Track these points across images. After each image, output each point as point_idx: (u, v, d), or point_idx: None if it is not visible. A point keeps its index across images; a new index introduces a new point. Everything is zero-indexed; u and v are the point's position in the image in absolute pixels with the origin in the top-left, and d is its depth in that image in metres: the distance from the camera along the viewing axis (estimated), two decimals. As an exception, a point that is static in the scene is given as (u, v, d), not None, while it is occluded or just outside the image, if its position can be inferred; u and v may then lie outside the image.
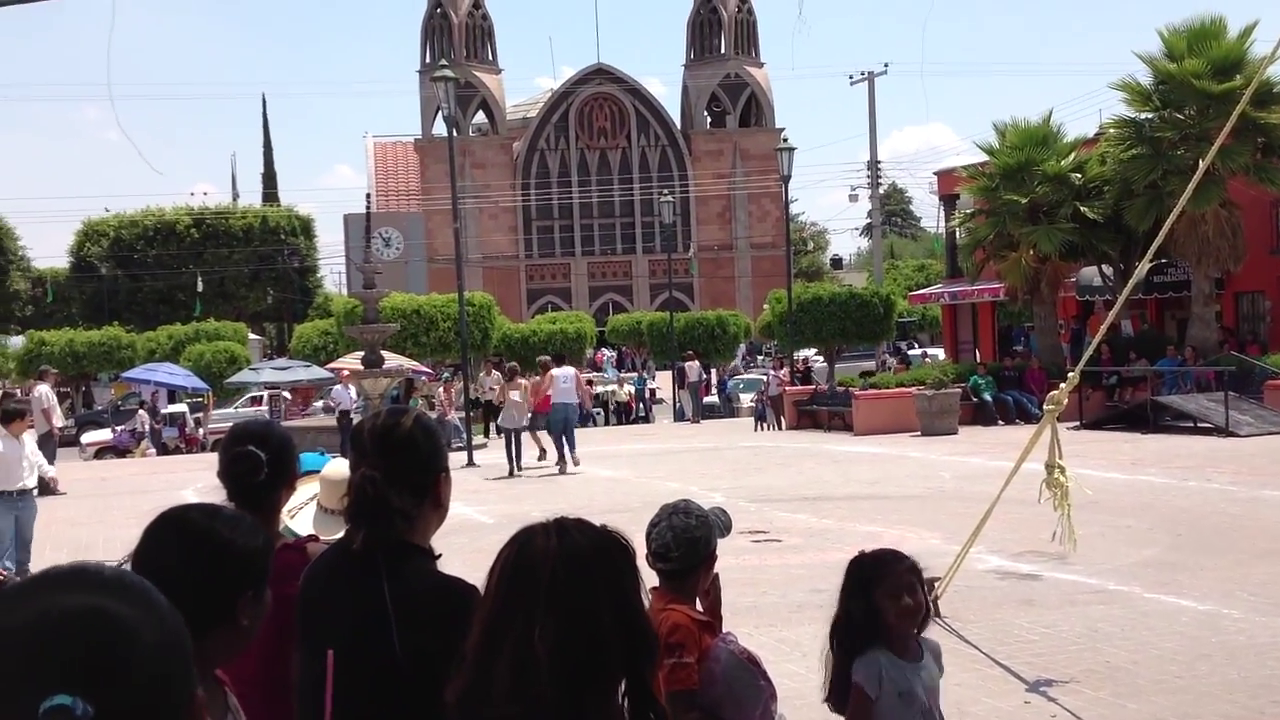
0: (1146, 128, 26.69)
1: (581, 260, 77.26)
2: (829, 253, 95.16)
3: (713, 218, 78.31)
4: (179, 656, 1.22)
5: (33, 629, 1.14)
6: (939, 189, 42.61)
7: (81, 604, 1.18)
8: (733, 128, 79.02)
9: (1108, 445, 20.27)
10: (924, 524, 12.95)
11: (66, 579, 1.21)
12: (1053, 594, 9.57)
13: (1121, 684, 7.18)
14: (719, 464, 21.03)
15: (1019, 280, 28.71)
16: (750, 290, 74.01)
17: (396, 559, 2.60)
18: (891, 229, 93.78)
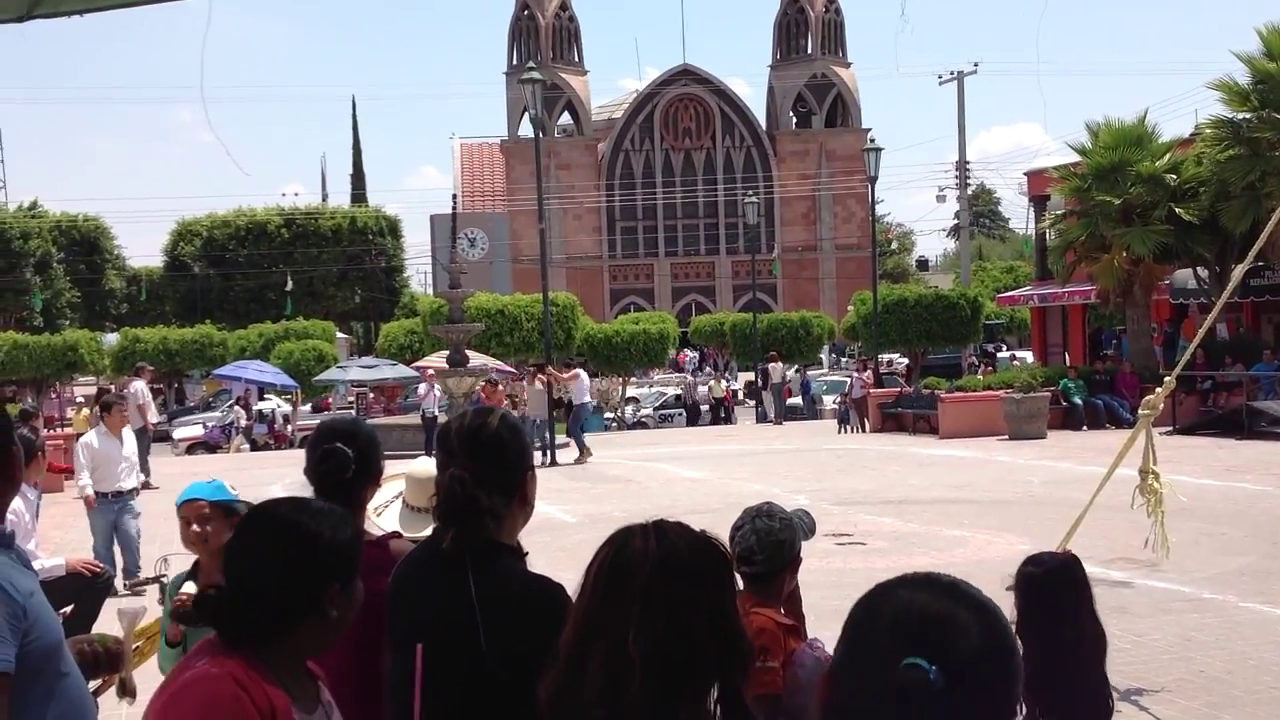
0: (1244, 128, 26.06)
1: (665, 261, 77.27)
2: (915, 254, 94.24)
3: (797, 219, 77.90)
4: (1009, 676, 1.41)
5: (907, 612, 1.40)
6: (1029, 190, 41.94)
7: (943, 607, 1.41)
8: (818, 128, 78.54)
9: (1201, 451, 19.83)
10: (1012, 529, 12.77)
11: (942, 584, 1.45)
12: (1145, 602, 9.39)
13: (1216, 694, 7.03)
14: (802, 466, 20.91)
15: (1111, 282, 28.18)
16: (834, 292, 73.48)
17: (484, 558, 2.60)
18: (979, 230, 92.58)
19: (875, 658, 1.35)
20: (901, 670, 1.32)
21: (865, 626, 1.41)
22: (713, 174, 77.82)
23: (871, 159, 34.80)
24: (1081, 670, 3.74)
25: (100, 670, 2.93)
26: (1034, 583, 3.78)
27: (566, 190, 73.66)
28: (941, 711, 1.31)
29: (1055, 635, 3.73)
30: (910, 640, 1.35)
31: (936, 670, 1.31)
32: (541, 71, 29.04)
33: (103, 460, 11.28)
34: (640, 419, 37.52)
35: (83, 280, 67.43)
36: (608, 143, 77.33)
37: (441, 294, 41.19)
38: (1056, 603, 3.75)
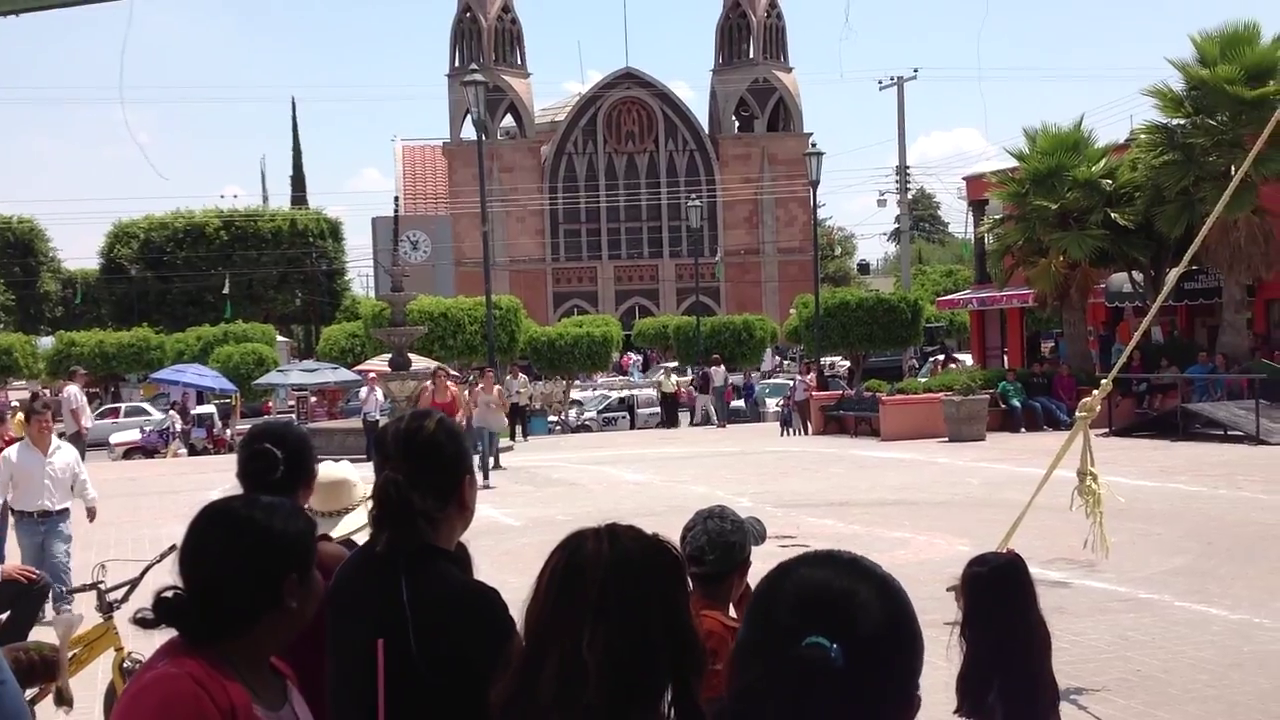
0: (1178, 134, 26.50)
1: (608, 264, 77.28)
2: (856, 258, 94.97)
3: (740, 222, 78.20)
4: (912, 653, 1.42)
5: (806, 588, 1.41)
6: (968, 194, 42.39)
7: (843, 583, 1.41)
8: (761, 132, 78.90)
9: (1137, 452, 20.14)
10: (952, 530, 12.90)
11: (842, 561, 1.47)
12: (1083, 601, 9.51)
13: (1153, 692, 7.13)
14: (745, 468, 20.99)
15: (1048, 286, 28.56)
16: (777, 295, 73.84)
17: (418, 562, 2.60)
18: (919, 234, 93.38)
19: (777, 637, 1.35)
20: (802, 649, 1.31)
21: (767, 606, 1.41)
22: (655, 177, 77.93)
23: (813, 163, 35.06)
24: (1032, 667, 3.81)
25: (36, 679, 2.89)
26: (980, 582, 3.84)
27: (509, 193, 73.47)
28: (843, 688, 1.30)
29: (1005, 633, 3.79)
30: (811, 618, 1.35)
31: (837, 648, 1.31)
32: (484, 73, 28.96)
33: (23, 476, 9.78)
34: (584, 422, 37.48)
35: (17, 283, 66.35)
36: (550, 145, 77.22)
37: (384, 297, 40.96)
38: (1004, 601, 3.81)
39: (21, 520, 9.84)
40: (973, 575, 3.90)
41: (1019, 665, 3.79)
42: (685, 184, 73.97)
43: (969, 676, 3.86)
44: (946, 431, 24.11)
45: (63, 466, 9.94)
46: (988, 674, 3.81)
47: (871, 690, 1.33)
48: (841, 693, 1.30)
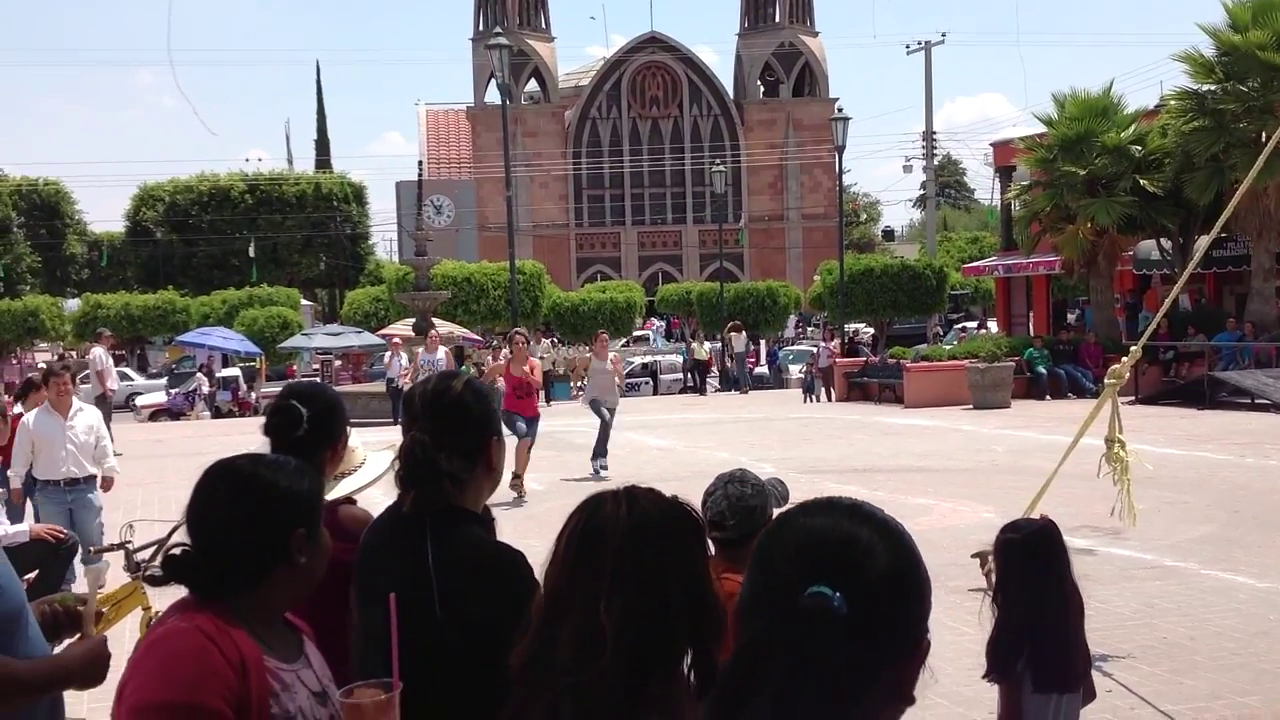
0: (1209, 100, 26.18)
1: (632, 230, 77.13)
2: (882, 224, 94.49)
3: (764, 188, 77.87)
4: (919, 598, 1.39)
5: (809, 536, 1.38)
6: (995, 160, 42.06)
7: (847, 529, 1.38)
8: (786, 97, 78.42)
9: (1164, 420, 20.02)
10: (976, 497, 12.86)
11: (843, 507, 1.43)
12: (1108, 569, 9.47)
13: (1178, 660, 7.10)
14: (768, 435, 20.97)
15: (1075, 253, 28.34)
16: (801, 262, 73.59)
17: (444, 523, 2.59)
18: (945, 201, 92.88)
19: (778, 589, 1.32)
20: (805, 599, 1.28)
21: (767, 557, 1.38)
22: (680, 143, 77.62)
23: (839, 129, 34.79)
24: (1065, 634, 3.79)
25: (63, 632, 2.89)
26: (1014, 548, 3.83)
27: (533, 158, 73.32)
28: (848, 636, 1.27)
29: (1038, 600, 3.78)
30: (814, 567, 1.32)
31: (840, 596, 1.28)
32: (508, 37, 28.83)
33: (44, 443, 9.28)
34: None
35: (43, 245, 66.67)
36: (575, 110, 76.96)
37: (407, 261, 41.03)
38: (1037, 568, 3.79)
39: (46, 490, 9.30)
40: (1006, 541, 3.88)
41: (1051, 632, 3.77)
42: (709, 149, 73.63)
43: (1000, 642, 3.85)
44: (971, 399, 24.01)
45: (85, 430, 9.42)
46: (1019, 640, 3.80)
47: (878, 636, 1.30)
48: (846, 641, 1.27)
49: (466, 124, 77.73)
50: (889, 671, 1.31)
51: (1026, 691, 3.83)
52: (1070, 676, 3.81)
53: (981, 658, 3.92)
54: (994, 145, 42.25)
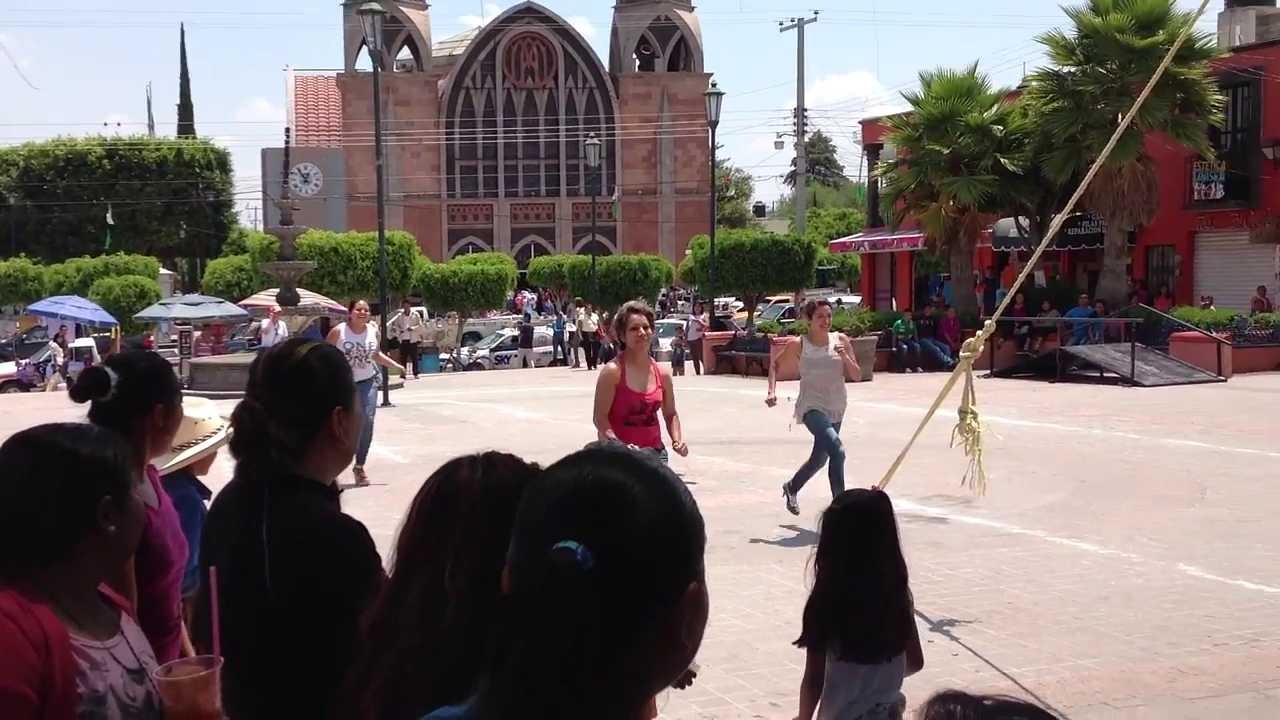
0: (1069, 81, 26.93)
1: (504, 201, 76.62)
2: (753, 200, 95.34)
3: (638, 161, 77.97)
4: (679, 543, 1.32)
5: (564, 488, 1.32)
6: (863, 138, 42.78)
7: (606, 477, 1.32)
8: (661, 71, 78.54)
9: (1017, 393, 20.59)
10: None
11: (605, 457, 1.37)
12: (959, 537, 9.71)
13: (1023, 624, 7.31)
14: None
15: (938, 230, 28.97)
16: (673, 236, 73.93)
17: (280, 493, 2.52)
18: (815, 177, 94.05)
19: (535, 545, 1.28)
20: (550, 555, 1.25)
21: (525, 514, 1.34)
22: (555, 114, 77.26)
23: (712, 104, 34.93)
24: (878, 604, 3.85)
25: None
26: (833, 519, 3.90)
27: (405, 127, 72.30)
28: (599, 589, 1.23)
29: (852, 569, 3.84)
30: (565, 520, 1.28)
31: (584, 549, 1.24)
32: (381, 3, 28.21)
33: None
34: (476, 360, 37.27)
35: (-114, 209, 63.81)
36: (448, 80, 76.06)
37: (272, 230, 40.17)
38: (856, 539, 3.85)
39: None
40: (828, 511, 3.97)
41: (863, 602, 3.84)
42: (584, 122, 73.45)
43: (813, 609, 3.93)
44: (836, 372, 24.40)
45: None
46: (831, 608, 3.87)
47: (638, 583, 1.27)
48: (597, 594, 1.24)
49: (336, 91, 76.28)
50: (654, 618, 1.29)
51: (834, 658, 3.91)
52: (881, 647, 3.88)
53: None
54: (863, 123, 42.94)
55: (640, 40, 78.96)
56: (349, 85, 72.52)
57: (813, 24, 52.22)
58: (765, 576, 8.52)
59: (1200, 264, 31.46)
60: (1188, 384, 22.00)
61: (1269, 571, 8.38)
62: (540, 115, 77.14)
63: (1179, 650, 6.73)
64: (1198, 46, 26.05)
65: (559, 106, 77.41)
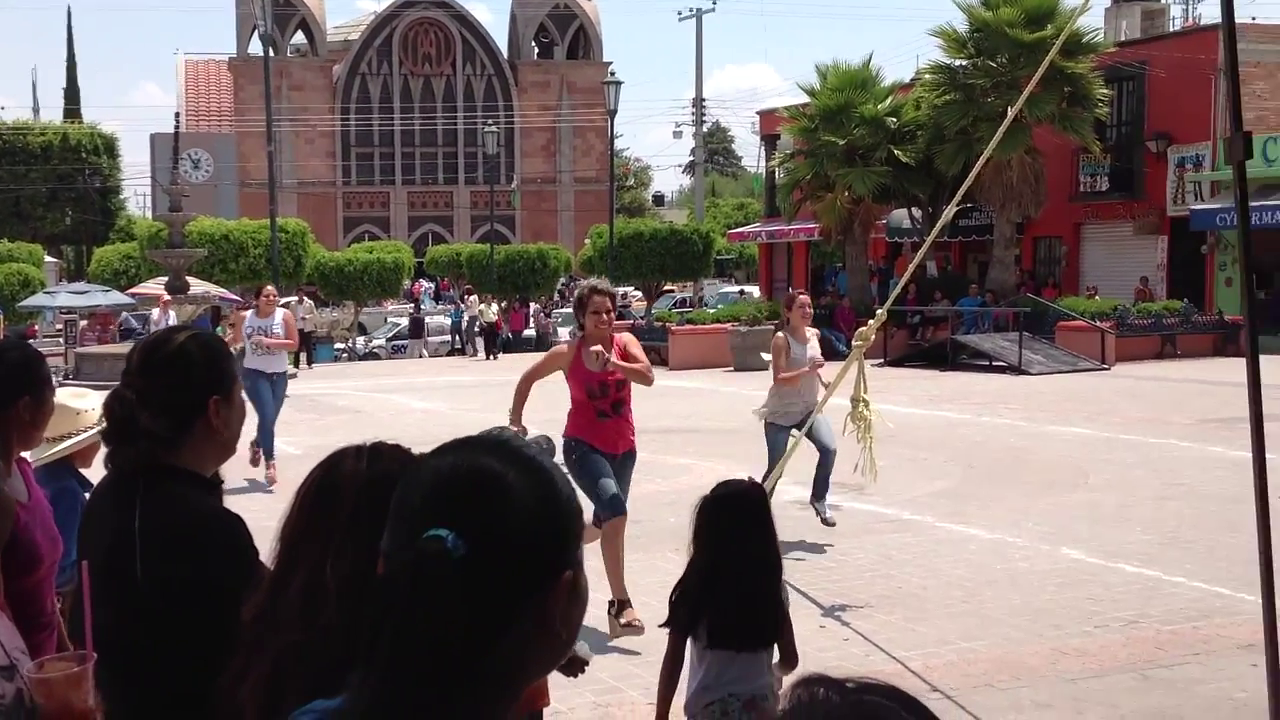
0: (960, 74, 27.41)
1: (401, 189, 75.77)
2: (652, 189, 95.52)
3: (537, 150, 77.61)
4: (553, 531, 1.31)
5: (438, 475, 1.30)
6: (761, 129, 43.11)
7: (480, 464, 1.30)
8: (560, 59, 78.23)
9: (909, 381, 20.93)
10: (735, 457, 13.15)
11: (483, 444, 1.35)
12: (851, 523, 9.86)
13: (912, 608, 7.45)
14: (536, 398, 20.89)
15: (833, 221, 29.33)
16: (573, 225, 73.75)
17: (154, 484, 2.46)
18: (713, 167, 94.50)
19: (407, 533, 1.27)
20: (420, 543, 1.23)
21: (401, 503, 1.32)
22: (452, 102, 76.55)
23: (611, 92, 34.92)
24: (744, 593, 3.85)
25: None
26: (705, 506, 3.91)
27: (299, 113, 71.12)
28: (469, 578, 1.22)
29: (721, 557, 3.85)
30: (438, 507, 1.27)
31: (455, 536, 1.23)
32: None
33: None
34: (372, 349, 36.86)
35: None
36: (343, 65, 74.95)
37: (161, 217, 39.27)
38: (727, 527, 3.87)
39: None
40: (702, 498, 3.97)
41: (729, 591, 3.84)
42: (483, 110, 72.90)
43: (679, 594, 3.93)
44: (733, 361, 24.60)
45: None
46: (697, 595, 3.88)
47: (506, 574, 1.27)
48: (467, 582, 1.24)
49: (228, 76, 74.73)
50: (528, 607, 1.29)
51: (700, 646, 3.93)
52: (742, 636, 3.87)
53: None
54: (760, 114, 43.27)
55: (539, 28, 78.56)
56: (241, 70, 71.12)
57: (711, 14, 52.61)
58: (661, 565, 8.56)
59: (1086, 255, 32.26)
60: (1073, 372, 22.57)
61: (1148, 555, 8.64)
62: (438, 102, 76.40)
63: (1061, 632, 6.91)
64: (1084, 41, 26.69)
65: (457, 94, 76.73)
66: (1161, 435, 14.39)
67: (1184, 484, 11.35)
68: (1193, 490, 11.01)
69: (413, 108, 75.72)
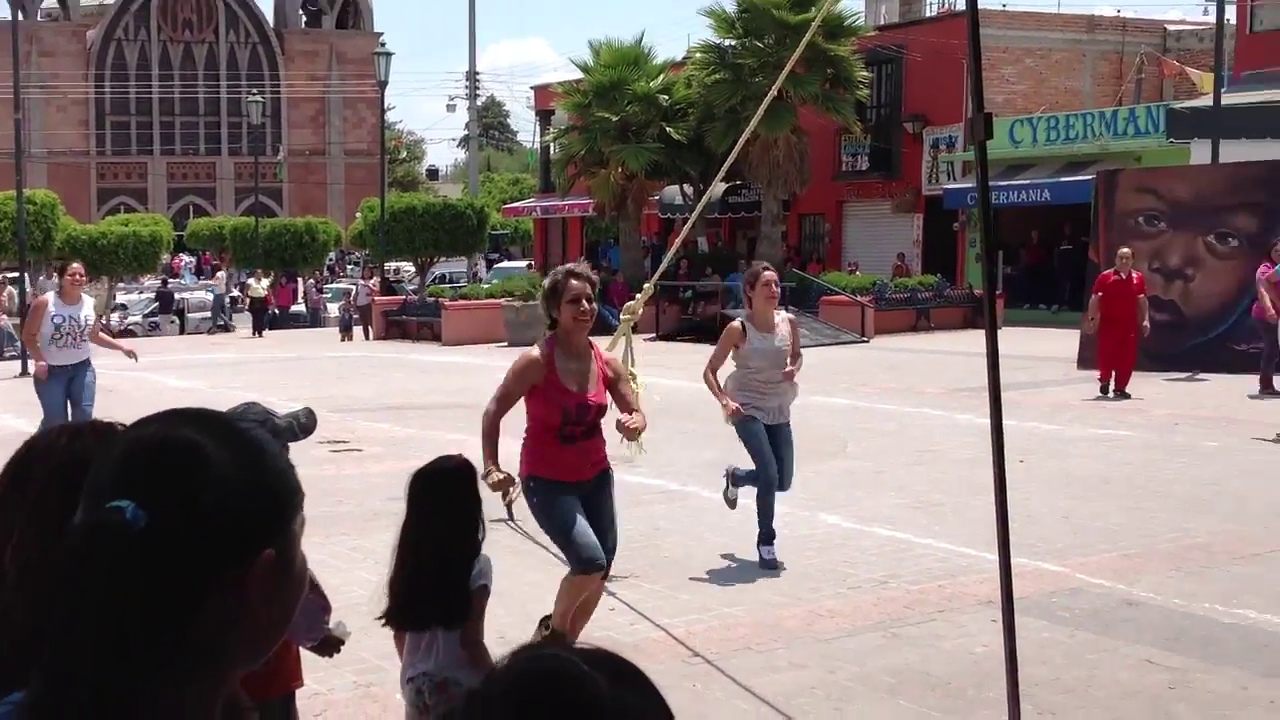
0: (729, 54, 27.95)
1: (160, 159, 72.67)
2: (426, 163, 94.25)
3: (306, 121, 75.60)
4: (255, 506, 1.24)
5: (131, 446, 1.24)
6: (536, 104, 43.03)
7: (176, 434, 1.24)
8: (329, 29, 76.30)
9: (680, 355, 21.24)
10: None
11: (185, 415, 1.28)
12: (620, 495, 9.87)
13: (676, 577, 7.57)
14: (302, 374, 20.49)
15: (607, 196, 29.53)
16: (343, 198, 72.18)
17: None
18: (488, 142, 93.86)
19: (93, 508, 1.20)
20: (100, 514, 1.17)
21: (94, 477, 1.25)
22: (215, 70, 73.81)
23: (381, 63, 34.26)
24: (429, 570, 3.78)
25: None
26: (413, 485, 3.83)
27: (49, 79, 67.42)
28: (151, 551, 1.19)
29: (424, 537, 3.79)
30: (130, 478, 1.20)
31: (136, 507, 1.17)
32: (10, -59, 26.13)
33: None
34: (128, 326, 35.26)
35: None
36: (98, 30, 71.31)
37: (-108, 186, 36.61)
38: (430, 506, 3.80)
39: None
40: (410, 477, 3.88)
41: (419, 570, 3.78)
42: (248, 79, 70.50)
43: (393, 580, 3.86)
44: (507, 336, 24.53)
45: None
46: (400, 575, 3.79)
47: (197, 548, 1.21)
48: (149, 556, 1.18)
49: (-32, 36, 70.17)
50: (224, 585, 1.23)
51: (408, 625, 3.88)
52: (431, 616, 3.79)
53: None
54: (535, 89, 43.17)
55: (307, -4, 76.49)
56: (-17, 30, 66.89)
57: (484, -13, 52.00)
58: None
59: (848, 232, 33.43)
60: (835, 345, 23.36)
61: (900, 519, 9.01)
62: (199, 70, 73.55)
63: (817, 594, 7.14)
64: (846, 24, 27.55)
65: (220, 62, 74.03)
66: (915, 404, 15.04)
67: (935, 450, 11.88)
68: (942, 456, 11.54)
69: (172, 75, 72.71)
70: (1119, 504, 9.37)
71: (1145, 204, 18.69)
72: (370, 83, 55.22)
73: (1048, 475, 10.40)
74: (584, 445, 5.71)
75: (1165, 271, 17.99)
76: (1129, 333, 15.00)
